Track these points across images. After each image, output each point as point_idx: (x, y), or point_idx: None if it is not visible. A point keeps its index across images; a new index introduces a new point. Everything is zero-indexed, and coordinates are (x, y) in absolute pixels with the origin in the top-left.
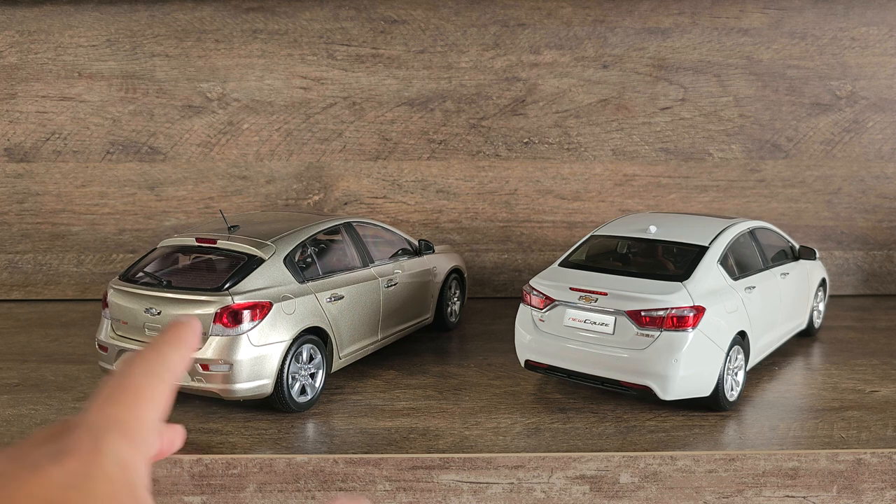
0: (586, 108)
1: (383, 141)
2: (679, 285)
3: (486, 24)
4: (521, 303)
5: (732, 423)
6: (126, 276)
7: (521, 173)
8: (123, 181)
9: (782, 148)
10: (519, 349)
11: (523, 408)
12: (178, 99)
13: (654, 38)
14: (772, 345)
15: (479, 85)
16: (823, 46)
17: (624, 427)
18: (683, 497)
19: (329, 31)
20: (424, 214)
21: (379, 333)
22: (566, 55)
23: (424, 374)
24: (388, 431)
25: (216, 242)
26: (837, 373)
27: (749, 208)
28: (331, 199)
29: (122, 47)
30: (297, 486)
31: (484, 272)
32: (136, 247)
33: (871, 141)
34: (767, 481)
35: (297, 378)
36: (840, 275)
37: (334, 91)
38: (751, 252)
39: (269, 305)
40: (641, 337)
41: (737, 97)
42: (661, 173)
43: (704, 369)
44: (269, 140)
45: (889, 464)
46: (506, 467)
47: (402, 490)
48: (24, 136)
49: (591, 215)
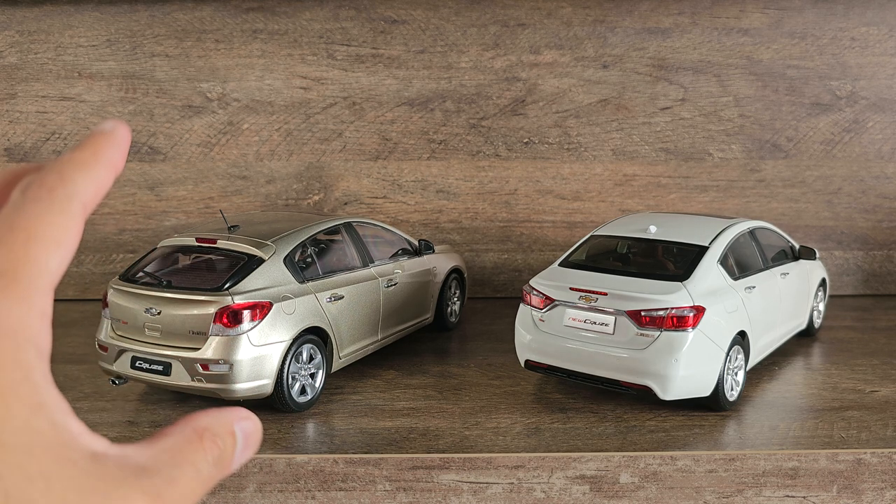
0: (586, 108)
1: (383, 141)
2: (679, 285)
3: (486, 24)
4: (521, 303)
5: (732, 423)
6: (126, 275)
7: (521, 173)
8: (123, 181)
9: (782, 148)
10: (519, 349)
11: (523, 408)
12: (178, 99)
13: (654, 38)
14: (772, 345)
15: (479, 85)
16: (823, 46)
17: (624, 427)
18: (683, 497)
19: (329, 31)
20: (424, 214)
21: (379, 333)
22: (566, 55)
23: (424, 374)
24: (388, 431)
25: (216, 242)
26: (837, 373)
27: (749, 208)
28: (331, 199)
29: (122, 47)
30: (297, 486)
31: (484, 272)
32: (136, 247)
33: (871, 141)
34: (767, 481)
35: (297, 378)
36: (840, 275)
37: (334, 91)
38: (751, 252)
39: (269, 305)
40: (641, 337)
41: (737, 97)
42: (661, 173)
43: (704, 369)
44: (269, 140)
45: (889, 464)
46: (506, 467)
47: (402, 490)
48: (24, 136)
49: (591, 215)
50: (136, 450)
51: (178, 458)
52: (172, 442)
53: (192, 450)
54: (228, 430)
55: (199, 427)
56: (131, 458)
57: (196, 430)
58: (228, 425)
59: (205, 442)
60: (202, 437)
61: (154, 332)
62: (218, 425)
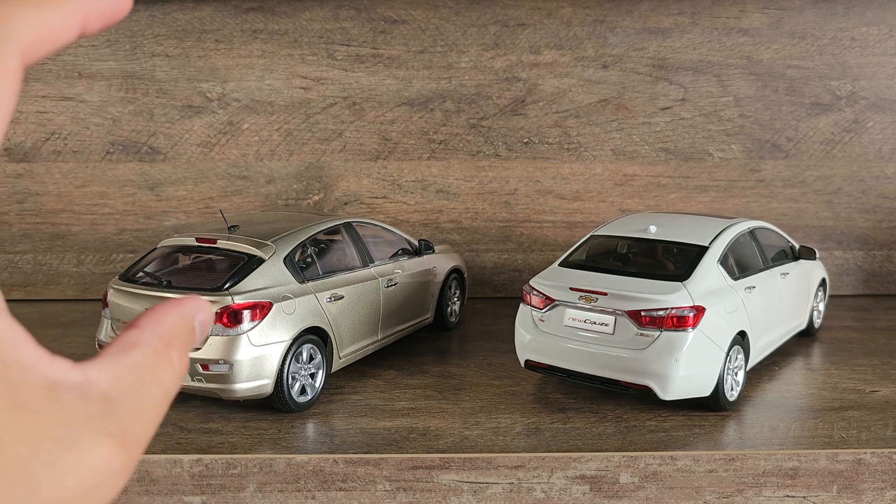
0: (586, 108)
1: (383, 141)
2: (679, 285)
3: (486, 24)
4: (521, 303)
5: (732, 423)
6: (126, 275)
7: (521, 173)
8: (123, 181)
9: (782, 148)
10: (519, 349)
11: (523, 408)
12: (178, 99)
13: (654, 38)
14: (772, 345)
15: (479, 85)
16: (823, 46)
17: (624, 427)
18: (683, 497)
19: (329, 31)
20: (424, 214)
21: (379, 333)
22: (566, 55)
23: (424, 374)
24: (388, 431)
25: (216, 242)
26: (837, 373)
27: (749, 208)
28: (331, 199)
29: (122, 47)
30: (297, 486)
31: (484, 272)
32: (136, 247)
33: (871, 141)
34: (767, 481)
35: (297, 378)
36: (840, 275)
37: (334, 91)
38: (751, 252)
39: (269, 305)
40: (641, 337)
41: (737, 97)
42: (661, 173)
43: (704, 369)
44: (269, 140)
45: (889, 464)
46: (506, 467)
47: (402, 490)
48: (24, 136)
49: (591, 215)
50: (99, 369)
51: (145, 377)
52: (140, 357)
53: (160, 365)
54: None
55: (166, 334)
56: (94, 384)
57: (163, 338)
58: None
59: (172, 353)
60: (170, 347)
61: None
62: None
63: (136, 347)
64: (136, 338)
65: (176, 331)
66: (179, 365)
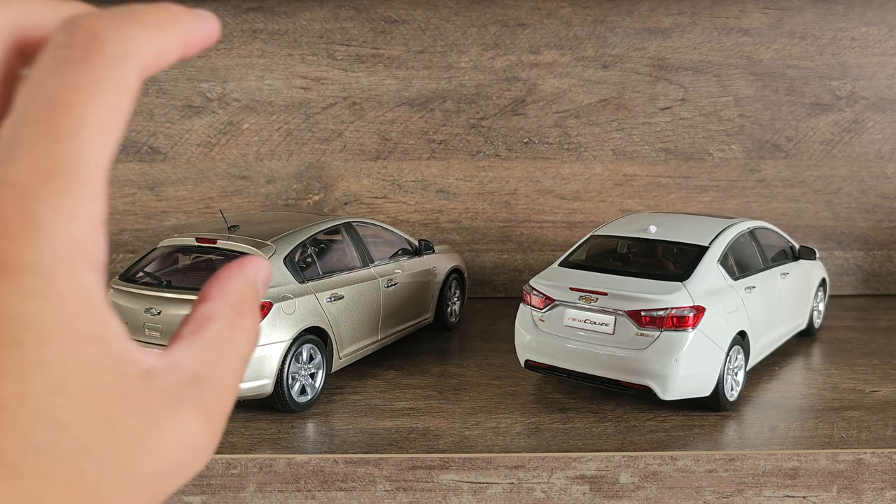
0: (586, 108)
1: (383, 141)
2: (679, 285)
3: (486, 24)
4: (521, 303)
5: (732, 423)
6: (126, 276)
7: (521, 173)
8: (123, 181)
9: (782, 148)
10: (519, 349)
11: (523, 408)
12: (178, 99)
13: (654, 38)
14: (772, 345)
15: (479, 85)
16: (823, 46)
17: (624, 427)
18: (683, 497)
19: (329, 31)
20: (424, 214)
21: (379, 333)
22: (566, 55)
23: (424, 374)
24: (388, 431)
25: (216, 242)
26: (837, 373)
27: (749, 208)
28: (331, 199)
29: None
30: (297, 486)
31: (484, 272)
32: (136, 247)
33: (871, 141)
34: (767, 481)
35: (297, 378)
36: (840, 275)
37: (334, 91)
38: (751, 252)
39: (269, 305)
40: (641, 337)
41: (737, 97)
42: (661, 173)
43: (704, 369)
44: (269, 140)
45: (889, 464)
46: (506, 467)
47: (402, 490)
48: None
49: (591, 215)
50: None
51: (224, 350)
52: (216, 330)
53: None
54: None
55: (237, 303)
56: (181, 365)
57: (234, 307)
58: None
59: (246, 321)
60: (242, 316)
61: (154, 332)
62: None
63: (211, 321)
64: (210, 311)
65: (244, 297)
66: (253, 331)
